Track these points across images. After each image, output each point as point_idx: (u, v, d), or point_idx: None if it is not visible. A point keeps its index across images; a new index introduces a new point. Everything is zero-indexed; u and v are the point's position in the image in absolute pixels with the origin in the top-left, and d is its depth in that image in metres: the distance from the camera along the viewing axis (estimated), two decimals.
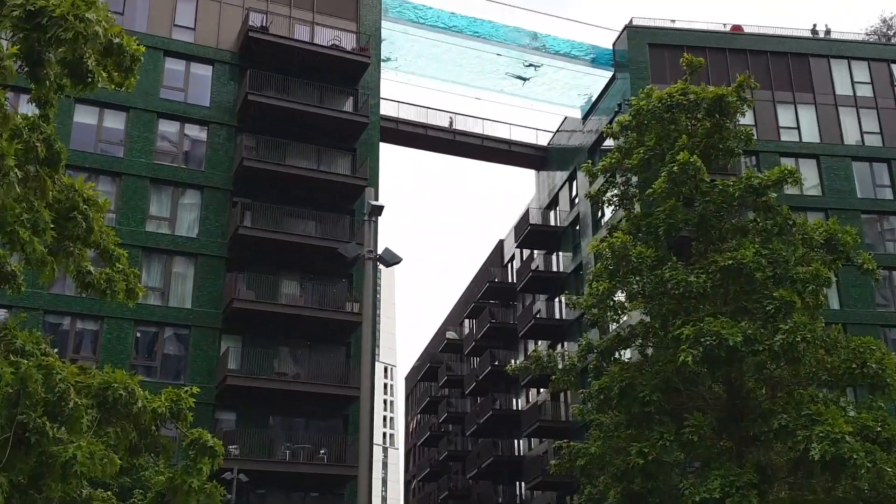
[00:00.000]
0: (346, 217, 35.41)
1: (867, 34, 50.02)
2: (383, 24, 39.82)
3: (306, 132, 35.87)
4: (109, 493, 11.68)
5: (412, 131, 46.05)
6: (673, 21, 42.20)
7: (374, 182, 35.70)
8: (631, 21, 41.50)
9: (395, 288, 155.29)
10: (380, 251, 18.76)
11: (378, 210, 18.69)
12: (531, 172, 52.46)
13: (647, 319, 22.57)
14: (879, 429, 18.00)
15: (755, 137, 29.25)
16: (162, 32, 35.27)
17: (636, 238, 21.86)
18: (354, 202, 35.63)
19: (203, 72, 35.65)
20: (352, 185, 35.03)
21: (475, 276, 60.63)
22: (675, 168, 20.72)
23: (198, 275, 32.90)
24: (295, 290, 34.30)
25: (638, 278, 20.98)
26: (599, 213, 41.26)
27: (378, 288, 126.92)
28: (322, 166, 35.81)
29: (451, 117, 46.73)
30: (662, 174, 21.08)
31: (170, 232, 33.25)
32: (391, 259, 18.58)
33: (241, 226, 32.81)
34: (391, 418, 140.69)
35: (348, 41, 37.67)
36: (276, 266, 34.21)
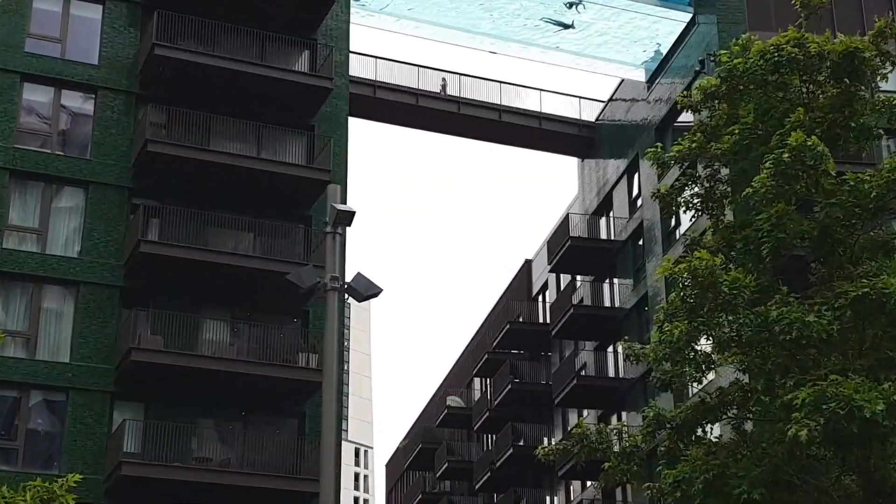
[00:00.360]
0: (300, 227, 35.53)
1: None
2: None
3: (241, 102, 36.03)
4: None
5: (396, 101, 46.25)
6: None
7: (339, 175, 35.83)
8: None
9: (370, 332, 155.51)
10: (349, 278, 18.78)
11: (347, 217, 18.75)
12: (572, 161, 52.59)
13: (745, 379, 22.52)
14: None
15: None
16: None
17: (728, 258, 21.94)
18: (311, 205, 35.74)
19: (89, 13, 35.87)
20: (308, 181, 35.14)
21: (490, 314, 60.73)
22: (786, 155, 20.83)
23: (80, 313, 32.99)
24: (223, 335, 34.35)
25: (731, 318, 21.06)
26: (673, 222, 41.38)
27: (346, 332, 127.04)
28: (264, 152, 35.97)
29: (443, 79, 46.66)
30: (766, 164, 21.18)
31: (38, 250, 33.34)
32: (365, 290, 18.61)
33: (144, 240, 32.92)
34: None
35: None
36: (197, 300, 34.27)
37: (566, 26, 44.41)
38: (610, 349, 46.60)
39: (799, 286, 22.05)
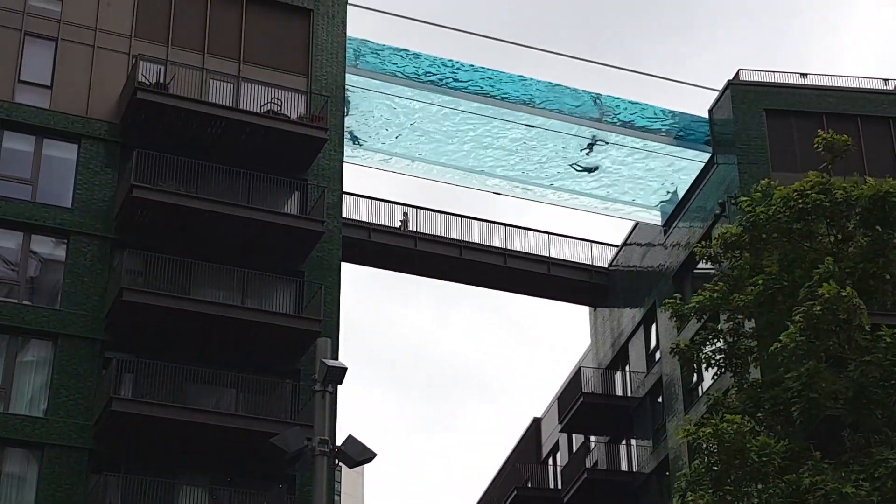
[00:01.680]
0: (287, 382, 35.39)
1: None
2: (349, 79, 40.83)
3: (225, 247, 36.24)
4: None
5: (392, 244, 46.41)
6: (804, 75, 43.08)
7: (331, 325, 35.84)
8: (737, 75, 42.47)
9: (363, 499, 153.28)
10: (340, 441, 18.67)
11: (338, 374, 18.82)
12: (583, 310, 52.60)
13: None
14: None
15: None
16: None
17: (755, 421, 21.80)
18: (300, 358, 35.67)
19: (63, 154, 36.34)
20: (297, 332, 35.15)
21: (495, 478, 60.04)
22: (818, 308, 20.83)
23: (44, 479, 32.61)
24: (201, 503, 33.85)
25: (760, 486, 20.84)
26: (695, 378, 41.19)
27: (337, 499, 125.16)
28: (249, 301, 36.03)
29: (404, 213, 46.49)
30: (796, 318, 21.18)
31: (1, 409, 33.10)
32: (357, 454, 18.52)
33: (117, 397, 32.75)
34: None
35: (293, 105, 38.55)
36: (173, 463, 33.96)
37: (590, 170, 44.90)
38: None
39: (833, 451, 21.89)
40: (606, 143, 44.13)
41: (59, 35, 37.53)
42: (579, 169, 44.88)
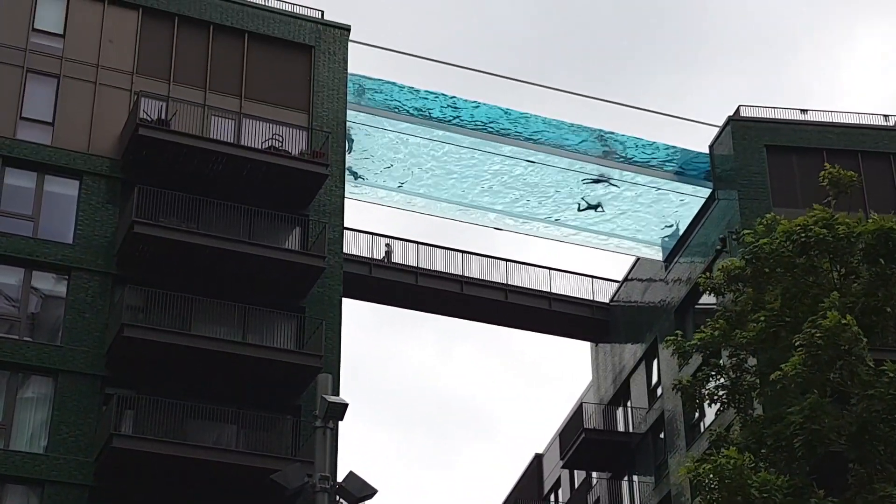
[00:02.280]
0: (288, 418, 35.28)
1: None
2: (349, 115, 40.93)
3: (226, 283, 36.24)
4: None
5: (394, 280, 46.38)
6: (804, 111, 43.17)
7: (332, 361, 35.77)
8: (738, 111, 42.56)
9: None
10: (341, 478, 18.62)
11: (339, 411, 18.83)
12: (585, 345, 52.51)
13: None
14: None
15: None
16: (1, 129, 36.22)
17: (758, 457, 21.72)
18: (301, 394, 35.58)
19: (65, 190, 36.37)
20: (297, 367, 35.09)
21: None
22: (819, 337, 20.79)
23: None
24: None
25: None
26: (697, 414, 41.06)
27: None
28: (250, 336, 35.99)
29: (387, 244, 46.26)
30: (797, 351, 21.14)
31: (1, 446, 32.99)
32: (358, 491, 18.48)
33: (118, 434, 32.64)
34: None
35: (294, 141, 38.63)
36: (173, 501, 33.80)
37: (594, 207, 44.92)
38: None
39: (836, 487, 21.77)
40: (610, 181, 44.15)
41: (62, 72, 37.64)
42: (584, 207, 44.91)
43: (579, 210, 44.99)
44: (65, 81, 37.58)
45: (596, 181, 44.33)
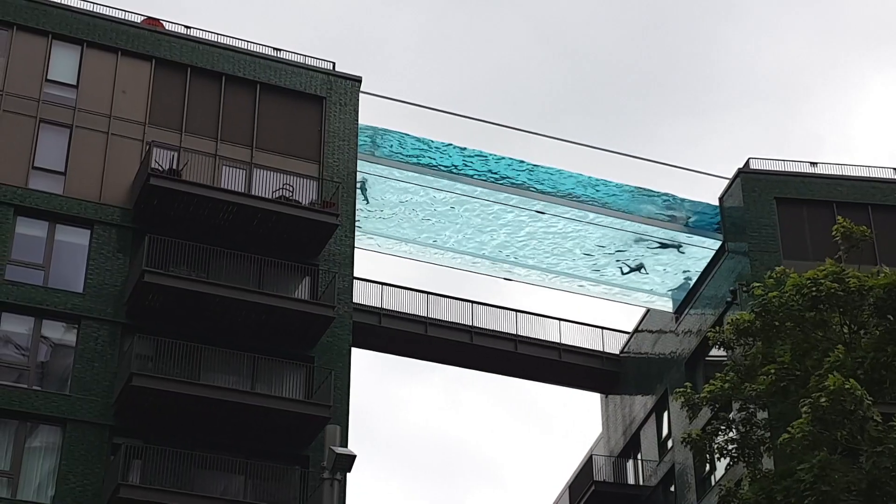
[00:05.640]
0: (296, 469, 35.12)
1: None
2: (360, 165, 41.02)
3: (235, 332, 36.23)
4: None
5: (403, 330, 46.31)
6: (814, 164, 43.14)
7: (341, 411, 35.65)
8: (747, 163, 42.57)
9: None
10: None
11: (347, 462, 18.78)
12: (594, 397, 52.26)
13: None
14: None
15: None
16: (13, 179, 36.34)
17: None
18: (309, 444, 35.44)
19: (76, 239, 36.43)
20: (306, 418, 34.97)
21: None
22: (823, 399, 20.68)
23: None
24: None
25: None
26: (707, 468, 40.78)
27: None
28: (258, 386, 35.93)
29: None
30: (804, 410, 21.00)
31: (8, 495, 32.88)
32: None
33: (125, 484, 32.54)
34: None
35: (305, 191, 38.72)
36: None
37: (634, 269, 45.05)
38: None
39: None
40: (649, 246, 44.23)
41: (74, 122, 37.82)
42: (627, 271, 45.11)
43: (622, 274, 45.20)
44: (77, 131, 37.77)
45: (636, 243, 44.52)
